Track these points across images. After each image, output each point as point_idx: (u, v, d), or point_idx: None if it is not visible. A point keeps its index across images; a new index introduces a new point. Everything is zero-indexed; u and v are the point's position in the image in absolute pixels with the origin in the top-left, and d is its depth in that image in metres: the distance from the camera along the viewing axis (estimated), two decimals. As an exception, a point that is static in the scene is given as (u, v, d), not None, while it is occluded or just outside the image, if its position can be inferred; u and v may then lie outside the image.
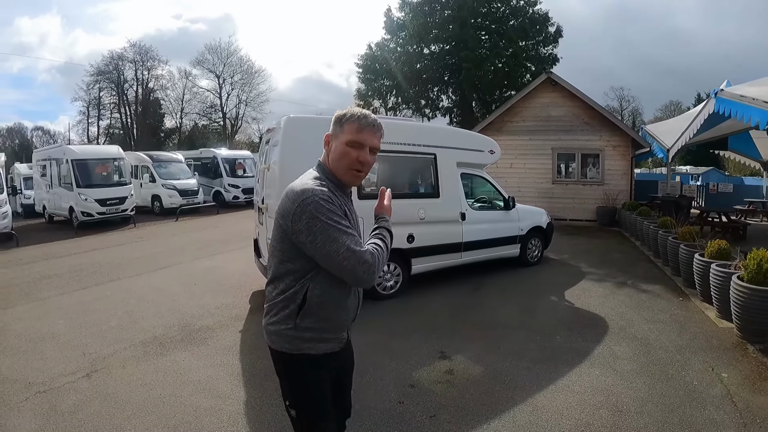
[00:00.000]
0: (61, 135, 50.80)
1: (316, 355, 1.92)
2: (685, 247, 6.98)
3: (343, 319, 1.98)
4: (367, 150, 1.92)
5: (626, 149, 14.36)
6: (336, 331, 1.98)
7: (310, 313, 1.88)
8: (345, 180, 1.95)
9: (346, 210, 1.88)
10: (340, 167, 1.92)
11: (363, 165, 1.91)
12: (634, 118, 48.10)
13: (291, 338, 1.91)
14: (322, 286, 1.88)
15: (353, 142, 1.89)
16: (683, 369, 4.24)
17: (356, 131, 1.90)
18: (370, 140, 1.92)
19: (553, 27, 30.76)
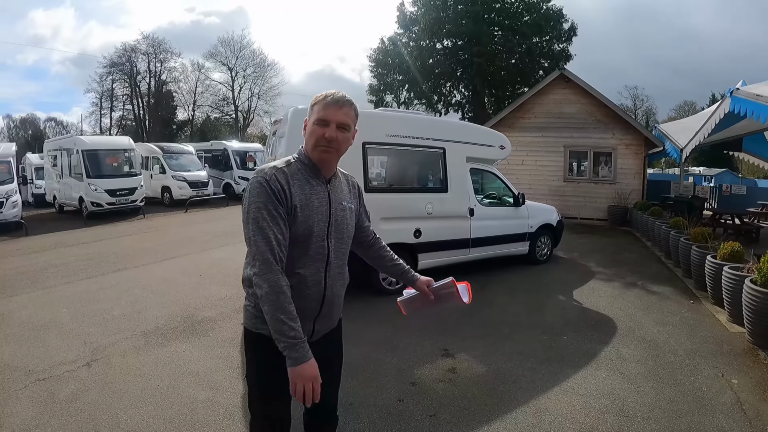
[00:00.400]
0: (74, 126, 51.30)
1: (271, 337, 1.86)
2: (697, 249, 6.82)
3: (301, 307, 1.85)
4: (334, 126, 1.89)
5: (639, 148, 14.12)
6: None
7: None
8: (315, 158, 1.92)
9: (300, 194, 1.86)
10: (309, 146, 1.93)
11: (329, 141, 1.88)
12: (648, 118, 47.43)
13: (252, 316, 1.95)
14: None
15: (318, 120, 1.90)
16: (692, 374, 4.11)
17: (321, 109, 1.91)
18: (334, 116, 1.89)
19: (567, 24, 30.46)
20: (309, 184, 1.91)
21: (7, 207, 13.59)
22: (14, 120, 56.92)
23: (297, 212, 1.85)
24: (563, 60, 29.66)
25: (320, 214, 1.92)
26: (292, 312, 1.75)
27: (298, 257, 1.88)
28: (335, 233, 1.98)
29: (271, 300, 1.74)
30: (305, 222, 1.87)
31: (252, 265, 1.80)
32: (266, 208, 1.78)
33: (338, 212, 1.99)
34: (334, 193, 1.99)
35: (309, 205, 1.88)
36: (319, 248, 1.93)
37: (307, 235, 1.89)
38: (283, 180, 1.84)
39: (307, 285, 1.91)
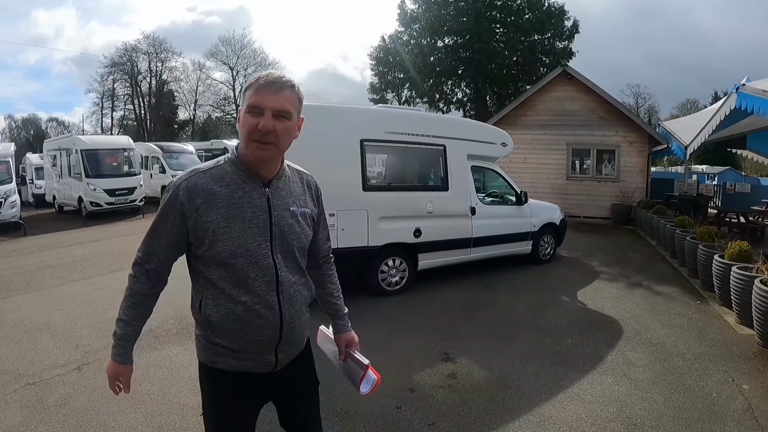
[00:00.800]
0: (75, 126, 51.19)
1: (229, 372, 1.67)
2: (704, 248, 6.65)
3: (255, 339, 1.63)
4: (269, 115, 1.53)
5: (643, 146, 13.95)
6: (250, 351, 1.66)
7: (213, 328, 1.63)
8: (249, 155, 1.58)
9: (226, 205, 1.57)
10: (242, 139, 1.59)
11: (264, 134, 1.52)
12: (650, 116, 47.15)
13: (204, 348, 1.69)
14: (214, 296, 1.62)
15: (250, 107, 1.54)
16: (701, 379, 3.95)
17: (254, 94, 1.54)
18: (270, 102, 1.53)
19: (570, 21, 30.27)
20: (241, 189, 1.59)
21: (6, 207, 13.51)
22: (16, 120, 57.07)
23: (219, 229, 1.55)
24: (565, 57, 29.43)
25: (257, 227, 1.59)
26: (131, 315, 1.67)
27: (237, 282, 1.59)
28: (281, 246, 1.65)
29: (124, 297, 1.67)
30: (236, 238, 1.56)
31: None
32: (163, 220, 1.59)
33: (283, 220, 1.65)
34: (276, 197, 1.65)
35: (239, 216, 1.57)
36: (264, 268, 1.61)
37: (242, 254, 1.57)
38: (199, 189, 1.55)
39: (257, 313, 1.61)
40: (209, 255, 1.57)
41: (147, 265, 1.64)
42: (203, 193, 1.55)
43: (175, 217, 1.56)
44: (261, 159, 1.58)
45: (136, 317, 1.68)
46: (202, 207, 1.54)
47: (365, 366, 1.90)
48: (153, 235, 1.62)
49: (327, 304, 2.02)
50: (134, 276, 1.65)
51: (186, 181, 1.56)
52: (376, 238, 6.10)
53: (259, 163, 1.60)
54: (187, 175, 1.59)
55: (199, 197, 1.54)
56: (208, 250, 1.56)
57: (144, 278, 1.65)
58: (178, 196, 1.55)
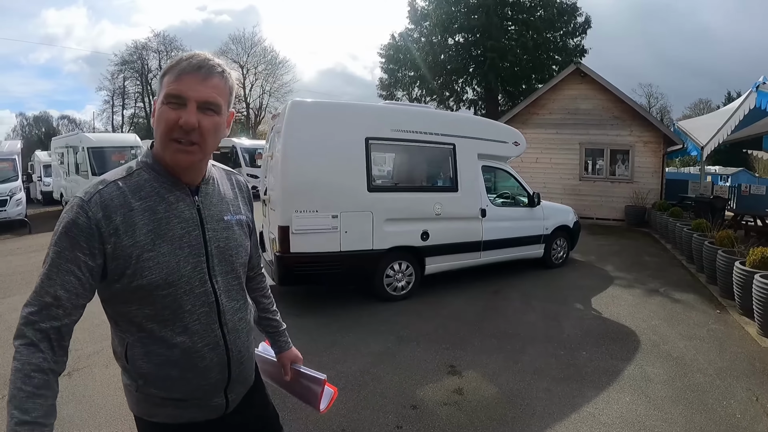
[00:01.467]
0: (86, 124, 51.46)
1: (173, 425, 1.36)
2: (724, 254, 6.32)
3: (200, 384, 1.34)
4: (194, 107, 1.22)
5: (657, 146, 13.60)
6: (197, 399, 1.37)
7: (146, 379, 1.31)
8: (167, 159, 1.26)
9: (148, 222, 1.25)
10: (157, 138, 1.26)
11: (187, 132, 1.21)
12: (662, 116, 46.47)
13: (138, 400, 1.36)
14: (142, 342, 1.29)
15: (169, 96, 1.22)
16: (724, 397, 3.66)
17: (174, 80, 1.22)
18: (195, 91, 1.22)
19: (582, 17, 29.80)
20: (165, 201, 1.28)
21: (11, 205, 13.46)
22: (27, 118, 57.48)
23: (143, 253, 1.22)
24: (578, 55, 28.96)
25: (189, 246, 1.29)
26: (29, 412, 1.07)
27: (168, 319, 1.27)
28: (221, 266, 1.36)
29: (16, 386, 1.09)
30: (164, 264, 1.24)
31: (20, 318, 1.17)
32: (70, 250, 1.17)
33: (218, 233, 1.36)
34: (207, 206, 1.36)
35: (166, 235, 1.26)
36: (200, 296, 1.31)
37: (173, 282, 1.26)
38: (115, 203, 1.21)
39: (198, 354, 1.31)
40: (131, 288, 1.23)
41: (46, 323, 1.14)
42: (121, 209, 1.21)
43: (88, 243, 1.17)
44: (182, 164, 1.27)
45: (45, 412, 1.09)
46: (121, 227, 1.20)
47: (322, 381, 1.68)
48: (54, 276, 1.16)
49: (264, 322, 1.73)
50: (27, 345, 1.12)
51: (98, 195, 1.20)
52: (382, 241, 5.86)
53: (180, 169, 1.29)
54: (95, 188, 1.22)
55: (117, 215, 1.20)
56: (131, 282, 1.22)
57: (44, 344, 1.13)
58: (88, 214, 1.17)
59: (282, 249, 5.35)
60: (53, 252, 1.17)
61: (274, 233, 5.57)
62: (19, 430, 1.05)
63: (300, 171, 5.42)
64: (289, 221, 5.33)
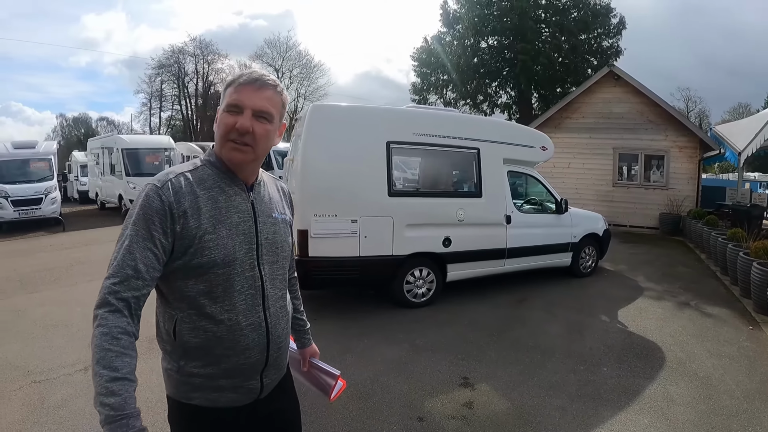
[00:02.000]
0: (125, 125, 52.89)
1: (208, 409, 1.45)
2: (759, 266, 5.96)
3: (240, 363, 1.45)
4: (249, 114, 1.40)
5: (693, 151, 13.08)
6: (235, 379, 1.46)
7: (189, 355, 1.42)
8: (225, 157, 1.45)
9: (211, 209, 1.39)
10: (217, 139, 1.45)
11: (242, 134, 1.39)
12: (701, 121, 44.96)
13: (178, 382, 1.45)
14: (190, 318, 1.39)
15: (229, 105, 1.42)
16: (750, 423, 3.40)
17: (234, 91, 1.42)
18: (250, 100, 1.40)
19: (616, 18, 29.13)
20: (224, 193, 1.43)
21: (47, 203, 13.90)
22: (67, 119, 59.39)
23: (205, 234, 1.36)
24: (613, 56, 28.33)
25: (243, 234, 1.43)
26: (119, 369, 1.18)
27: (219, 296, 1.40)
28: (268, 256, 1.50)
29: (103, 349, 1.20)
30: (222, 246, 1.38)
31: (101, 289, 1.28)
32: (145, 229, 1.30)
33: (267, 226, 1.51)
34: (259, 203, 1.52)
35: (225, 222, 1.40)
36: (249, 280, 1.45)
37: (228, 263, 1.39)
38: (184, 190, 1.36)
39: (242, 332, 1.42)
40: (191, 265, 1.35)
41: (127, 293, 1.27)
42: (189, 196, 1.36)
43: (162, 223, 1.32)
44: (235, 161, 1.44)
45: (131, 369, 1.22)
46: (189, 211, 1.35)
47: (337, 376, 1.91)
48: (134, 251, 1.29)
49: (292, 320, 1.82)
50: (113, 311, 1.24)
51: (170, 182, 1.36)
52: (402, 246, 5.75)
53: (234, 166, 1.45)
54: (166, 177, 1.38)
55: (185, 200, 1.35)
56: (192, 259, 1.35)
57: (126, 311, 1.26)
58: (162, 197, 1.32)
59: (300, 253, 5.30)
60: (132, 231, 1.31)
61: (294, 237, 5.52)
62: (112, 386, 1.15)
63: (320, 175, 5.39)
64: (308, 225, 5.29)
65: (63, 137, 54.29)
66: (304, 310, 1.95)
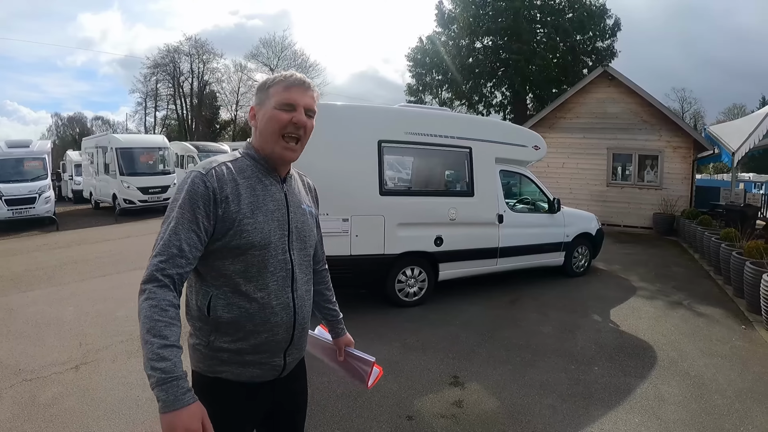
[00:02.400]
0: (120, 125, 52.71)
1: (234, 382, 1.56)
2: (752, 266, 5.98)
3: (268, 339, 1.55)
4: (302, 110, 1.55)
5: (687, 151, 13.11)
6: (262, 355, 1.57)
7: (220, 330, 1.52)
8: (276, 152, 1.56)
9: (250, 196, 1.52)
10: (268, 136, 1.56)
11: (298, 128, 1.55)
12: (696, 121, 45.13)
13: (204, 357, 1.56)
14: (225, 294, 1.51)
15: (282, 103, 1.54)
16: (742, 422, 3.41)
17: (283, 90, 1.55)
18: (302, 99, 1.56)
19: (611, 19, 29.21)
20: (261, 183, 1.56)
21: (40, 202, 13.86)
22: (62, 118, 59.14)
23: (244, 218, 1.48)
24: (608, 57, 28.40)
25: (277, 221, 1.56)
26: (168, 337, 1.30)
27: (254, 276, 1.51)
28: (297, 242, 1.62)
29: (147, 316, 1.31)
30: (259, 230, 1.50)
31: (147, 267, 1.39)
32: (191, 212, 1.41)
33: (298, 217, 1.64)
34: (290, 194, 1.64)
35: (262, 208, 1.53)
36: (281, 263, 1.57)
37: (264, 245, 1.51)
38: (226, 178, 1.48)
39: (272, 310, 1.54)
40: (231, 246, 1.48)
41: (172, 270, 1.38)
42: (230, 183, 1.49)
43: (205, 207, 1.43)
44: (286, 159, 1.59)
45: (179, 338, 1.34)
46: (230, 196, 1.47)
47: (371, 363, 1.94)
48: (179, 232, 1.40)
49: (325, 311, 2.01)
50: (160, 286, 1.35)
51: (213, 170, 1.48)
52: (394, 245, 5.75)
53: (280, 160, 1.59)
54: (209, 165, 1.51)
55: (227, 186, 1.48)
56: (231, 241, 1.47)
57: (172, 286, 1.37)
58: (207, 183, 1.44)
59: (291, 251, 5.29)
60: (178, 213, 1.41)
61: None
62: (162, 352, 1.27)
63: (311, 173, 5.36)
64: (299, 224, 5.27)
65: (58, 136, 54.09)
66: (336, 303, 2.04)
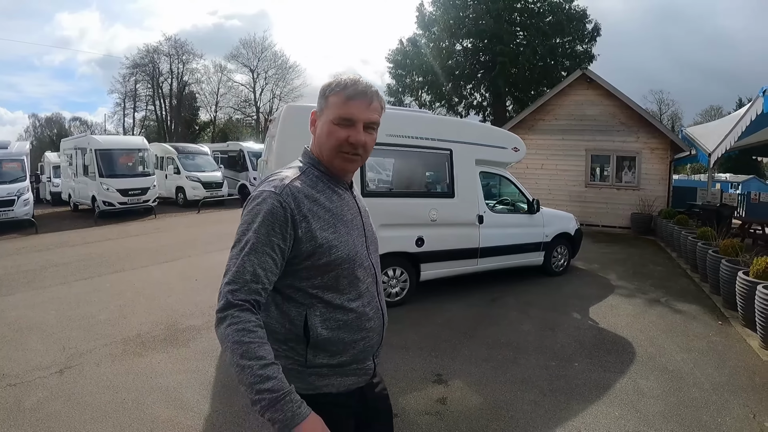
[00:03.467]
0: (98, 126, 51.96)
1: (334, 394, 1.52)
2: (727, 263, 6.18)
3: (365, 346, 1.54)
4: (361, 127, 1.46)
5: (665, 152, 13.42)
6: (359, 363, 1.56)
7: (319, 347, 1.47)
8: (335, 166, 1.51)
9: (330, 208, 1.48)
10: (326, 150, 1.50)
11: (355, 147, 1.47)
12: (673, 123, 46.07)
13: (301, 375, 1.47)
14: (320, 311, 1.47)
15: (340, 118, 1.45)
16: (719, 414, 3.55)
17: (342, 103, 1.45)
18: (362, 114, 1.46)
19: (591, 24, 29.66)
20: (335, 193, 1.53)
21: (19, 205, 13.64)
22: (39, 119, 58.16)
23: (329, 235, 1.44)
24: (587, 61, 28.79)
25: (356, 229, 1.55)
26: (264, 357, 1.28)
27: (346, 288, 1.49)
28: (372, 246, 1.62)
29: (236, 341, 1.28)
30: (344, 242, 1.47)
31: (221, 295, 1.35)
32: (268, 235, 1.36)
33: (367, 221, 1.64)
34: (358, 199, 1.64)
35: (342, 219, 1.50)
36: (367, 270, 1.56)
37: (352, 257, 1.49)
38: (301, 195, 1.42)
39: (367, 317, 1.53)
40: (320, 264, 1.43)
41: (247, 296, 1.34)
42: (307, 199, 1.43)
43: (282, 229, 1.37)
44: (348, 170, 1.55)
45: (273, 354, 1.31)
46: (309, 213, 1.42)
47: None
48: (253, 257, 1.35)
49: None
50: (241, 310, 1.31)
51: (287, 188, 1.41)
52: (376, 246, 5.80)
53: (343, 173, 1.55)
54: (281, 183, 1.43)
55: (304, 204, 1.41)
56: (320, 259, 1.42)
57: (252, 309, 1.34)
58: (283, 204, 1.38)
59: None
60: (254, 238, 1.36)
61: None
62: (265, 372, 1.25)
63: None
64: (282, 226, 5.30)
65: (35, 137, 53.22)
66: None
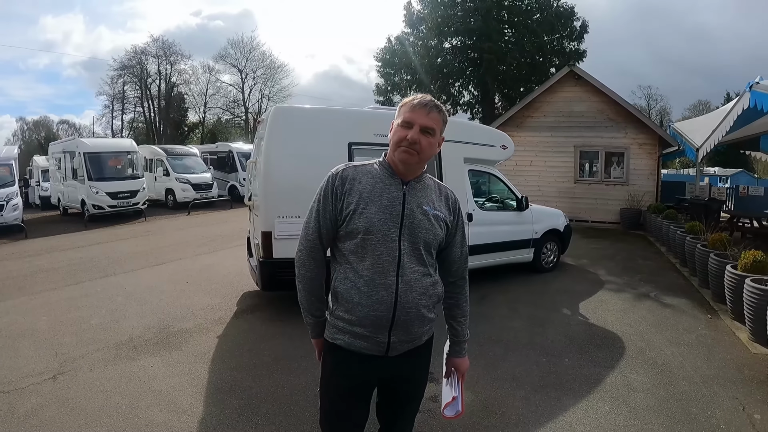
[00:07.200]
0: (86, 128, 51.59)
1: (346, 350, 1.88)
2: (716, 257, 6.25)
3: (370, 314, 1.81)
4: (417, 129, 1.83)
5: (653, 148, 13.58)
6: (366, 328, 1.84)
7: (338, 300, 1.88)
8: (395, 157, 1.87)
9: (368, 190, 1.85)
10: (391, 145, 1.89)
11: (411, 143, 1.82)
12: (662, 118, 46.45)
13: (329, 325, 1.95)
14: (344, 270, 1.87)
15: (403, 121, 1.86)
16: (709, 407, 3.59)
17: (408, 111, 1.87)
18: (419, 119, 1.84)
19: (579, 22, 29.86)
20: (382, 182, 1.88)
21: (8, 210, 13.52)
22: (27, 122, 57.56)
23: (357, 208, 1.82)
24: (575, 58, 28.99)
25: (389, 213, 1.83)
26: (321, 296, 1.96)
27: (363, 256, 1.83)
28: (408, 235, 1.86)
29: (306, 281, 1.93)
30: (366, 218, 1.81)
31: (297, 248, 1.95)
32: (322, 200, 1.88)
33: (414, 214, 1.87)
34: (411, 194, 1.89)
35: (377, 202, 1.83)
36: (389, 249, 1.83)
37: (369, 231, 1.81)
38: (350, 176, 1.87)
39: (375, 288, 1.81)
40: (347, 230, 1.83)
41: (318, 245, 1.91)
42: (351, 180, 1.86)
43: (333, 199, 1.86)
44: (405, 162, 1.85)
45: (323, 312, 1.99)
46: (348, 190, 1.85)
47: (452, 396, 2.14)
48: (310, 220, 1.91)
49: (448, 325, 2.17)
50: (308, 267, 1.93)
51: (342, 171, 1.89)
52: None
53: (402, 166, 1.87)
54: (342, 166, 1.93)
55: (347, 182, 1.86)
56: (347, 226, 1.83)
57: (317, 262, 1.93)
58: (333, 182, 1.87)
59: (265, 255, 5.34)
60: (316, 204, 1.90)
61: (258, 239, 5.57)
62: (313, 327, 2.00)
63: (282, 177, 5.40)
64: (272, 227, 5.31)
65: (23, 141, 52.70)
66: (463, 323, 2.14)
